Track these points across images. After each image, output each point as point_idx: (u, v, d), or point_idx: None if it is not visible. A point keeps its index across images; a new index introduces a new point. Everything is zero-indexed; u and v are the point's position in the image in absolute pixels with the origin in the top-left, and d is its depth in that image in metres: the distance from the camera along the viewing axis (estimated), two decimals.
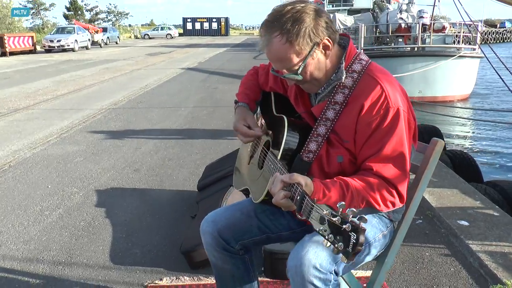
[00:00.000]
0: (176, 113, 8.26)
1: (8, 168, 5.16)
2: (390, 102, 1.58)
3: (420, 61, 15.43)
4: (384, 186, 1.57)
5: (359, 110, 1.60)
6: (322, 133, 1.67)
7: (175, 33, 60.56)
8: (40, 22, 55.65)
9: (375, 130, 1.58)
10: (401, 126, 1.58)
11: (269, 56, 1.64)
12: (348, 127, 1.64)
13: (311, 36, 1.56)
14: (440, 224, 3.48)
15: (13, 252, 3.22)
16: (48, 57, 25.22)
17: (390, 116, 1.57)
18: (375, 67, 1.68)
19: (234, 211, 1.96)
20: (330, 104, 1.66)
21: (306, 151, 1.69)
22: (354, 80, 1.64)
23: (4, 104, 9.63)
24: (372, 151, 1.59)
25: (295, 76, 1.63)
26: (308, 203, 1.31)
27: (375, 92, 1.59)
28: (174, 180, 4.66)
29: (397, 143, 1.58)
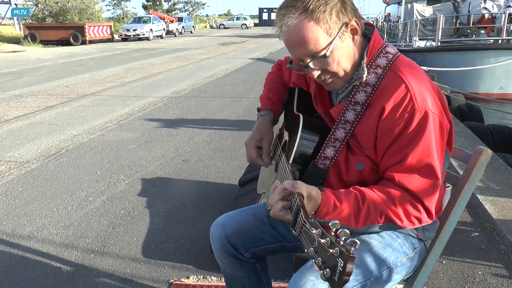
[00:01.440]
0: (236, 103, 8.16)
1: (65, 152, 5.29)
2: (416, 104, 1.31)
3: (504, 54, 14.18)
4: (408, 199, 1.31)
5: (379, 113, 1.35)
6: (341, 138, 1.44)
7: (251, 23, 60.87)
8: (120, 12, 57.98)
9: (398, 136, 1.33)
10: (429, 132, 1.32)
11: (289, 40, 1.36)
12: (368, 132, 1.39)
13: (339, 15, 1.33)
14: (500, 239, 3.06)
15: (52, 237, 3.25)
16: (123, 46, 26.19)
17: (416, 120, 1.31)
18: (402, 61, 1.42)
19: (247, 215, 1.78)
20: (350, 104, 1.41)
21: (322, 157, 1.46)
22: (378, 77, 1.39)
23: (74, 89, 10.01)
24: (394, 160, 1.34)
25: (322, 61, 1.35)
26: (301, 218, 1.10)
27: (398, 92, 1.33)
28: (222, 172, 4.54)
29: (424, 152, 1.31)
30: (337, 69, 1.39)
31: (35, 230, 3.35)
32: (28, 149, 5.43)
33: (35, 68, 14.59)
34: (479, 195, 3.53)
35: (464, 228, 3.21)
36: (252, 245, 1.72)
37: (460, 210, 1.52)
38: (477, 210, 3.44)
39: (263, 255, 1.77)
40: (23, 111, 7.64)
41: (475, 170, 1.49)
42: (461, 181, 1.54)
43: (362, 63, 1.41)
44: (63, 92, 9.63)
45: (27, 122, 6.83)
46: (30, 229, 3.36)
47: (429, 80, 1.40)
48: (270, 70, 2.00)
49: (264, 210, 1.77)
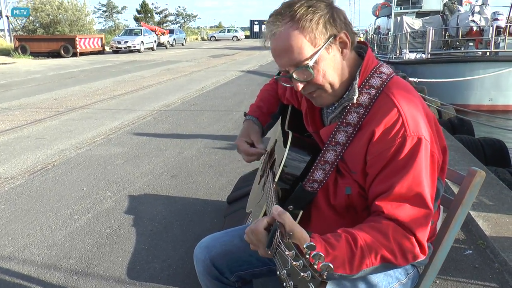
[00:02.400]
0: (226, 117, 8.10)
1: (51, 167, 5.18)
2: (407, 130, 1.24)
3: (493, 66, 14.30)
4: (400, 232, 1.21)
5: (369, 137, 1.28)
6: (331, 160, 1.38)
7: (242, 35, 61.15)
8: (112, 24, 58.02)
9: (388, 162, 1.25)
10: (421, 160, 1.24)
11: (274, 49, 1.33)
12: (357, 156, 1.33)
13: (327, 25, 1.29)
14: (493, 257, 3.00)
15: (35, 257, 3.15)
16: (114, 58, 26.12)
17: (407, 147, 1.24)
18: (396, 83, 1.35)
19: (233, 237, 1.70)
20: (342, 125, 1.35)
21: (310, 180, 1.40)
22: (372, 97, 1.33)
23: (63, 102, 9.91)
24: (382, 188, 1.25)
25: (305, 71, 1.30)
26: (277, 238, 1.03)
27: (390, 116, 1.27)
28: (211, 188, 4.46)
29: (414, 181, 1.22)
30: (322, 81, 1.33)
31: (16, 250, 3.24)
32: (13, 164, 5.32)
33: (24, 81, 14.47)
34: (471, 211, 3.48)
35: (457, 246, 3.15)
36: (238, 268, 1.65)
37: (453, 235, 1.46)
38: (469, 227, 3.39)
39: (249, 278, 1.70)
40: (10, 125, 7.52)
41: (468, 193, 1.44)
42: (454, 204, 1.48)
43: (354, 83, 1.35)
44: (52, 105, 9.52)
45: (14, 136, 6.72)
46: (11, 249, 3.25)
47: (424, 105, 1.34)
48: (265, 83, 2.00)
49: None
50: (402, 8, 25.92)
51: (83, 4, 33.74)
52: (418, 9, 25.71)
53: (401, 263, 1.22)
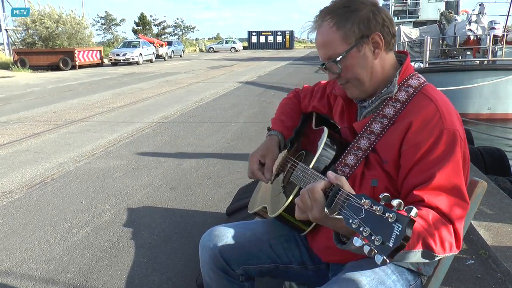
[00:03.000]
0: (225, 128, 8.09)
1: (50, 181, 5.16)
2: (445, 123, 1.31)
3: (491, 75, 14.34)
4: (440, 221, 1.22)
5: (406, 128, 1.34)
6: (364, 147, 1.44)
7: (240, 46, 61.41)
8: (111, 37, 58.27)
9: (426, 153, 1.29)
10: (458, 153, 1.29)
11: (315, 41, 1.49)
12: (391, 146, 1.38)
13: (360, 26, 1.40)
14: (496, 267, 2.97)
15: (32, 272, 3.12)
16: (113, 70, 26.18)
17: (445, 139, 1.29)
18: (432, 88, 1.45)
19: (245, 230, 1.72)
20: (378, 117, 1.44)
21: (342, 163, 1.47)
22: (409, 95, 1.42)
23: (62, 116, 9.90)
24: (421, 179, 1.28)
25: (334, 65, 1.44)
26: (343, 194, 1.07)
27: (428, 110, 1.35)
28: (209, 200, 4.44)
29: (454, 172, 1.27)
30: (349, 76, 1.45)
31: (14, 265, 3.21)
32: (11, 178, 5.30)
33: (23, 94, 14.48)
34: (472, 221, 3.45)
35: (459, 256, 3.12)
36: (246, 262, 1.66)
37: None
38: (471, 236, 3.36)
39: (254, 275, 1.71)
40: (8, 139, 7.51)
41: (470, 203, 1.41)
42: None
43: (394, 80, 1.44)
44: (51, 119, 9.51)
45: (13, 150, 6.70)
46: (8, 264, 3.22)
47: (456, 111, 1.40)
48: (286, 97, 2.04)
49: (263, 227, 1.73)
50: (399, 17, 26.09)
51: (81, 17, 33.85)
52: (415, 18, 25.88)
53: (439, 252, 1.21)
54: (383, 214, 0.91)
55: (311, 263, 1.66)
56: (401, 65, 1.50)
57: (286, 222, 1.60)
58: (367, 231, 0.93)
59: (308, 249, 1.67)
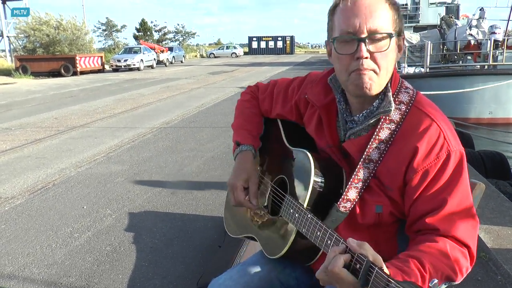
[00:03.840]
0: (226, 133, 8.11)
1: (52, 186, 5.18)
2: (450, 145, 1.25)
3: (492, 80, 14.34)
4: (456, 249, 1.19)
5: (411, 153, 1.25)
6: (364, 178, 1.32)
7: (240, 51, 61.51)
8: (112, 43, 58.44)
9: (434, 179, 1.24)
10: (466, 173, 1.26)
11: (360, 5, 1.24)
12: (394, 172, 1.28)
13: (402, 20, 1.31)
14: (496, 270, 2.98)
15: (35, 276, 3.14)
16: (114, 76, 26.26)
17: (452, 162, 1.24)
18: (423, 99, 1.35)
19: (252, 276, 1.54)
20: (374, 142, 1.30)
21: (344, 200, 1.33)
22: (402, 114, 1.30)
23: (64, 121, 9.94)
24: (431, 206, 1.23)
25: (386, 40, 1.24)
26: (378, 275, 0.97)
27: (431, 131, 1.26)
28: (210, 205, 4.45)
29: (463, 196, 1.23)
30: (382, 64, 1.26)
31: (17, 270, 3.23)
32: (13, 184, 5.32)
33: (25, 100, 14.53)
34: None
35: None
36: None
37: None
38: None
39: None
40: (10, 145, 7.54)
41: None
42: None
43: (388, 94, 1.31)
44: (52, 125, 9.55)
45: (15, 156, 6.73)
46: (11, 268, 3.24)
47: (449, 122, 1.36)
48: (241, 97, 1.83)
49: (266, 265, 1.57)
50: None
51: (82, 23, 33.94)
52: (415, 23, 25.92)
53: (459, 279, 1.19)
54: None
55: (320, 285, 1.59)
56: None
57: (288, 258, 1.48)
58: None
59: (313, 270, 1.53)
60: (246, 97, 1.81)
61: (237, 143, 1.72)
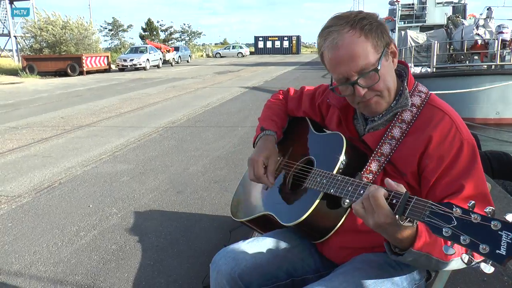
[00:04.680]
0: (232, 133, 8.12)
1: (58, 185, 5.21)
2: (462, 134, 1.36)
3: (499, 80, 14.27)
4: None
5: (426, 142, 1.36)
6: (386, 153, 1.45)
7: (246, 51, 61.57)
8: (118, 43, 58.61)
9: (450, 166, 1.32)
10: (479, 161, 1.34)
11: (337, 57, 1.36)
12: (409, 158, 1.40)
13: (383, 33, 1.39)
14: (502, 271, 2.95)
15: (41, 274, 3.15)
16: (120, 76, 26.35)
17: (466, 150, 1.34)
18: (436, 98, 1.48)
19: (261, 248, 1.62)
20: (387, 138, 1.45)
21: (367, 170, 1.46)
22: (413, 115, 1.43)
23: (70, 121, 9.98)
24: (451, 190, 1.30)
25: (373, 75, 1.37)
26: (419, 202, 1.07)
27: (444, 122, 1.38)
28: (216, 204, 4.46)
29: (480, 181, 1.31)
30: (382, 87, 1.40)
31: (23, 267, 3.25)
32: (20, 182, 5.35)
33: (31, 100, 14.60)
34: None
35: None
36: (265, 283, 1.55)
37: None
38: None
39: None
40: (17, 144, 7.58)
41: None
42: None
43: (405, 92, 1.45)
44: (59, 124, 9.59)
45: (21, 155, 6.76)
46: (18, 266, 3.26)
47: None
48: (271, 98, 2.01)
49: (277, 241, 1.64)
50: (406, 22, 26.04)
51: (89, 22, 34.05)
52: (422, 23, 25.80)
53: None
54: (485, 222, 0.90)
55: (324, 269, 1.62)
56: (400, 77, 1.51)
57: (301, 230, 1.56)
58: (466, 240, 0.91)
59: (319, 255, 1.64)
60: (275, 97, 2.02)
61: (262, 128, 1.86)
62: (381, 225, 1.15)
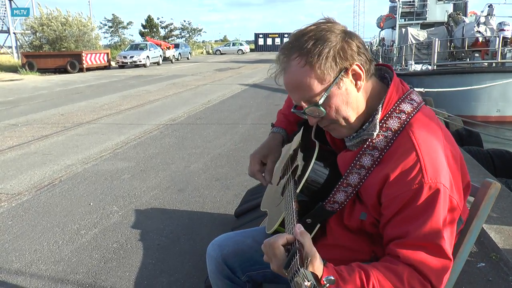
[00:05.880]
0: (233, 130, 8.09)
1: (58, 183, 5.18)
2: (425, 176, 1.18)
3: (499, 77, 14.19)
4: (416, 277, 1.15)
5: (383, 180, 1.23)
6: (354, 183, 1.32)
7: (246, 48, 61.41)
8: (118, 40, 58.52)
9: (403, 208, 1.20)
10: (439, 210, 1.17)
11: (285, 84, 1.30)
12: (369, 193, 1.29)
13: (336, 59, 1.23)
14: (507, 270, 2.93)
15: (42, 273, 3.13)
16: (120, 73, 26.28)
17: (424, 195, 1.17)
18: (419, 120, 1.28)
19: (246, 237, 1.75)
20: (355, 168, 1.30)
21: (331, 201, 1.35)
22: (388, 141, 1.27)
23: (70, 118, 9.94)
24: (397, 233, 1.20)
25: (316, 109, 1.27)
26: (295, 263, 0.99)
27: (407, 160, 1.21)
28: (218, 202, 4.43)
29: (432, 232, 1.16)
30: (336, 117, 1.29)
31: (24, 266, 3.22)
32: (20, 180, 5.32)
33: (31, 97, 14.56)
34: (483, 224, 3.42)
35: (470, 259, 3.08)
36: (250, 268, 1.68)
37: (468, 248, 1.42)
38: (481, 239, 3.33)
39: (259, 280, 1.71)
40: (17, 141, 7.54)
41: (483, 205, 1.39)
42: (469, 217, 1.43)
43: (375, 118, 1.29)
44: (59, 121, 9.55)
45: (21, 152, 6.73)
46: (18, 265, 3.23)
47: (449, 141, 1.29)
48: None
49: (265, 233, 1.68)
50: (406, 19, 25.92)
51: (87, 19, 33.90)
52: (422, 20, 25.70)
53: None
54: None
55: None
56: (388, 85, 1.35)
57: None
58: None
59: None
60: None
61: (271, 124, 1.87)
62: (279, 273, 1.10)
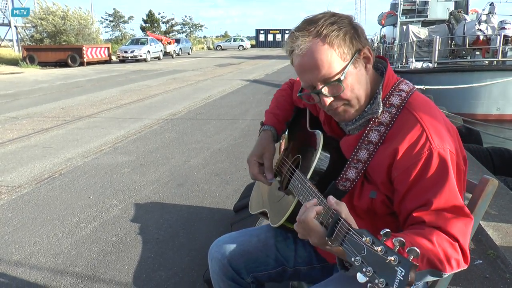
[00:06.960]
0: (233, 125, 8.10)
1: (58, 176, 5.19)
2: (433, 143, 1.24)
3: (500, 76, 14.17)
4: (444, 238, 1.18)
5: (392, 155, 1.28)
6: (364, 159, 1.37)
7: (247, 44, 61.34)
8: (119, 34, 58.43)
9: (418, 178, 1.24)
10: (452, 173, 1.23)
11: (302, 64, 1.32)
12: (378, 170, 1.33)
13: (353, 41, 1.31)
14: (504, 267, 2.95)
15: (41, 265, 3.15)
16: (120, 67, 26.26)
17: (435, 160, 1.23)
18: (416, 99, 1.36)
19: (250, 237, 1.72)
20: (363, 144, 1.35)
21: (343, 178, 1.39)
22: (392, 116, 1.34)
23: (70, 112, 9.95)
24: (418, 203, 1.23)
25: (336, 86, 1.30)
26: (343, 226, 1.03)
27: (413, 131, 1.27)
28: (217, 197, 4.45)
29: (451, 194, 1.21)
30: (350, 96, 1.33)
31: (23, 258, 3.24)
32: (20, 173, 5.33)
33: (32, 90, 14.56)
34: (480, 221, 3.43)
35: None
36: (255, 269, 1.66)
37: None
38: (479, 236, 3.34)
39: (264, 281, 1.71)
40: (18, 134, 7.56)
41: (480, 202, 1.41)
42: None
43: (377, 97, 1.36)
44: (59, 115, 9.56)
45: (21, 145, 6.74)
46: (18, 257, 3.25)
47: (445, 118, 1.35)
48: (280, 88, 1.97)
49: (268, 232, 1.71)
50: (407, 17, 25.86)
51: (87, 13, 33.78)
52: (424, 18, 25.64)
53: (446, 270, 1.17)
54: (385, 255, 0.89)
55: (318, 263, 1.66)
56: (382, 75, 1.42)
57: (289, 230, 1.58)
58: (370, 272, 0.91)
59: (313, 248, 1.66)
60: (284, 87, 1.95)
61: (261, 123, 1.86)
62: (319, 245, 1.14)
